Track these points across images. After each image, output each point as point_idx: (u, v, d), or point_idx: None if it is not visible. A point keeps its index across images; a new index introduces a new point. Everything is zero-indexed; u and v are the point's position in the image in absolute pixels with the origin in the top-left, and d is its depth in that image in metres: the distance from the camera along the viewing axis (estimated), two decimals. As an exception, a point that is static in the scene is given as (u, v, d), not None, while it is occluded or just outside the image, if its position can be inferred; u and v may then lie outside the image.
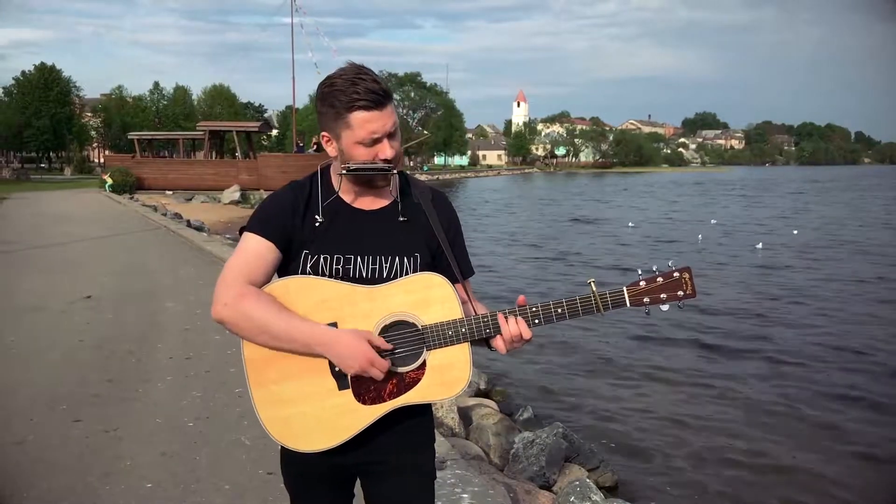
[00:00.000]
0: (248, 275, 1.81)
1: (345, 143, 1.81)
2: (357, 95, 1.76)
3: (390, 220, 1.91)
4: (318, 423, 1.82)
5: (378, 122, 1.78)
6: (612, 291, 1.87)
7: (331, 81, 1.80)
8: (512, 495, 3.90)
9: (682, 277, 1.87)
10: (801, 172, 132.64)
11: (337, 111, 1.79)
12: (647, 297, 1.86)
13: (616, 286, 1.87)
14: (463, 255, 1.99)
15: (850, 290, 14.24)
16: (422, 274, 1.85)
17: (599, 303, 1.85)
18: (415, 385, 1.82)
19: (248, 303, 1.77)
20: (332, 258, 1.85)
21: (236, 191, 32.63)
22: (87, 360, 6.07)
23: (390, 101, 1.81)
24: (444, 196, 2.02)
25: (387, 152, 1.81)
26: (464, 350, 1.83)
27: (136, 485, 3.77)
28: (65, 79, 65.75)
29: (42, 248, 13.53)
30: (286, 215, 1.86)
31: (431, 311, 1.82)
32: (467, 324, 1.82)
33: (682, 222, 29.69)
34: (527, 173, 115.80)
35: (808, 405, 7.46)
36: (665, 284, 1.86)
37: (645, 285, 1.86)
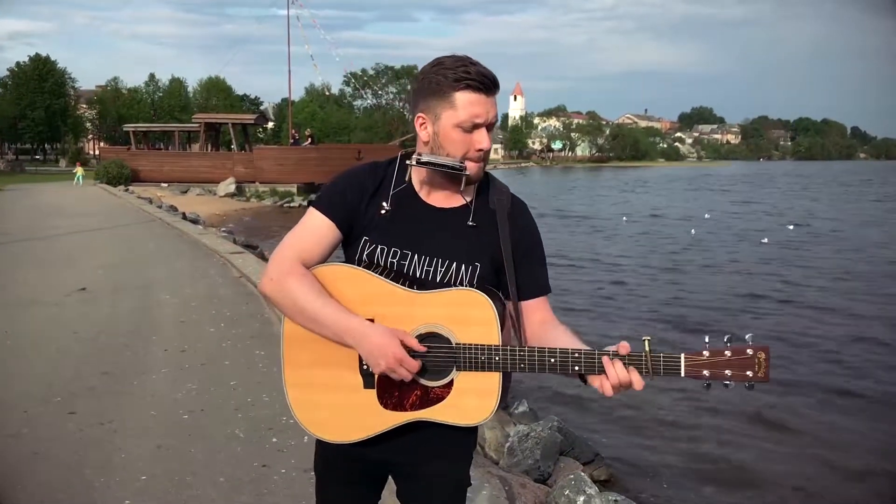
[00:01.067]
0: (301, 252, 1.78)
1: (443, 124, 1.72)
2: (467, 75, 1.69)
3: (458, 223, 1.80)
4: (338, 416, 1.80)
5: (483, 107, 1.70)
6: (667, 356, 1.65)
7: (439, 60, 1.74)
8: (507, 488, 3.90)
9: (755, 356, 1.60)
10: (794, 167, 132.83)
11: (442, 88, 1.70)
12: (707, 370, 1.62)
13: (674, 352, 1.64)
14: (532, 273, 1.85)
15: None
16: (466, 290, 1.73)
17: (651, 365, 1.65)
18: (438, 402, 1.74)
19: (291, 281, 1.74)
20: (390, 251, 1.79)
21: (232, 183, 32.59)
22: (81, 353, 6.06)
23: (497, 92, 1.74)
24: (523, 206, 1.89)
25: (484, 142, 1.73)
26: (494, 379, 1.72)
27: (131, 478, 3.76)
28: (60, 70, 65.59)
29: (37, 240, 13.49)
30: (354, 197, 1.81)
31: (468, 330, 1.71)
32: (502, 353, 1.70)
33: (676, 217, 29.73)
34: (523, 167, 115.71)
35: (806, 400, 7.48)
36: (732, 361, 1.60)
37: (708, 357, 1.62)
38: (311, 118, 73.94)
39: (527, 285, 1.84)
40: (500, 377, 1.72)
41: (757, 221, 27.72)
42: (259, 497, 3.56)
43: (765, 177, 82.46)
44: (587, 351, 1.68)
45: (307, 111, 77.70)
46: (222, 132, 40.08)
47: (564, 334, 1.80)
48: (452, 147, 1.73)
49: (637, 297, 12.95)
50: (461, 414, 1.74)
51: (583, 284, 14.06)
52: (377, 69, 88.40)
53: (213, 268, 10.45)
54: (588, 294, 13.14)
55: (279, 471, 3.84)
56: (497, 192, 1.85)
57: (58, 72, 65.13)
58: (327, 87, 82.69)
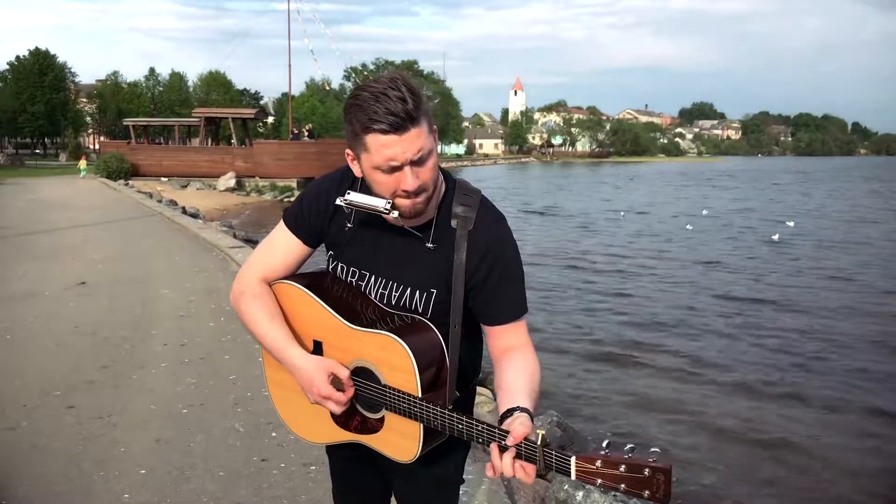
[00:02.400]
0: (266, 267, 1.84)
1: (364, 166, 1.62)
2: (375, 116, 1.52)
3: (417, 244, 1.71)
4: (304, 417, 1.87)
5: (396, 148, 1.54)
6: (559, 455, 1.45)
7: (356, 94, 1.58)
8: (506, 483, 3.90)
9: (653, 477, 1.37)
10: (793, 163, 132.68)
11: (355, 131, 1.58)
12: (600, 479, 1.43)
13: (566, 453, 1.45)
14: (495, 296, 1.70)
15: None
16: (387, 336, 1.63)
17: (543, 459, 1.46)
18: (374, 432, 1.74)
19: (244, 301, 1.81)
20: (348, 270, 1.80)
21: (232, 178, 32.58)
22: (81, 347, 6.05)
23: (416, 125, 1.54)
24: (491, 221, 1.71)
25: (407, 182, 1.57)
26: (415, 427, 1.64)
27: (130, 471, 3.76)
28: (60, 64, 65.44)
29: (36, 234, 13.48)
30: (320, 213, 1.80)
31: (394, 375, 1.65)
32: (419, 407, 1.61)
33: (672, 212, 29.71)
34: (523, 162, 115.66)
35: (813, 393, 7.48)
36: (626, 476, 1.40)
37: (600, 466, 1.43)
38: (312, 113, 73.86)
39: (490, 310, 1.72)
40: (422, 427, 1.64)
41: (751, 220, 27.69)
42: (258, 491, 3.56)
43: (759, 173, 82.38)
44: (488, 427, 1.54)
45: (307, 106, 77.59)
46: (222, 127, 40.03)
47: (516, 377, 1.65)
48: (379, 188, 1.62)
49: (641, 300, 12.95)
50: (391, 448, 1.72)
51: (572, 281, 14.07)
52: (377, 64, 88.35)
53: (212, 262, 10.44)
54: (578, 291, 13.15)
55: (278, 465, 3.84)
56: (462, 207, 1.69)
57: (58, 66, 64.98)
58: (327, 82, 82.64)
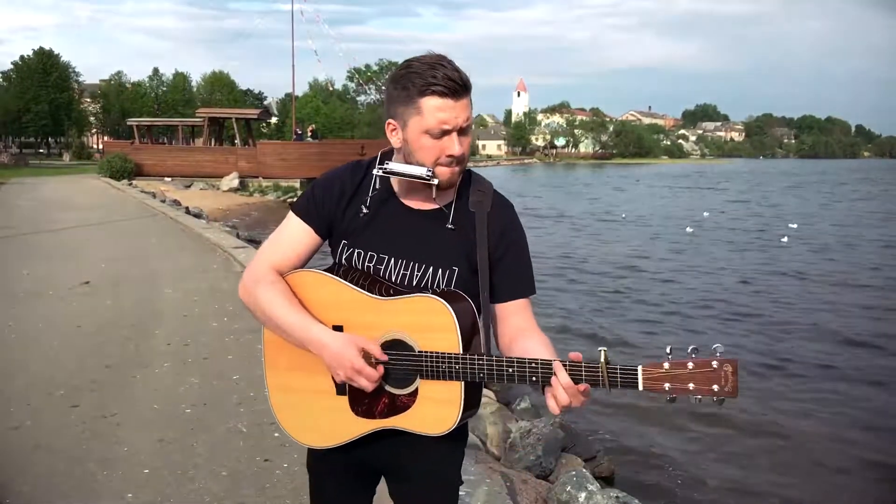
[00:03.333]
0: (277, 258, 1.80)
1: (411, 131, 1.68)
2: (434, 80, 1.62)
3: (436, 225, 1.77)
4: (314, 421, 1.80)
5: (451, 112, 1.65)
6: (623, 369, 1.53)
7: (408, 63, 1.67)
8: (508, 484, 3.90)
9: (721, 369, 1.46)
10: (794, 165, 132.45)
11: (409, 94, 1.66)
12: (668, 383, 1.49)
13: (631, 364, 1.53)
14: (510, 275, 1.79)
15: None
16: (426, 296, 1.68)
17: (607, 378, 1.53)
18: (404, 410, 1.71)
19: (260, 289, 1.76)
20: (366, 255, 1.78)
21: (235, 178, 32.57)
22: (84, 346, 6.07)
23: (468, 94, 1.67)
24: (505, 206, 1.83)
25: (454, 148, 1.67)
26: (456, 389, 1.66)
27: (134, 471, 3.77)
28: (63, 64, 65.49)
29: (40, 233, 13.51)
30: (332, 201, 1.80)
31: (431, 337, 1.66)
32: (461, 362, 1.64)
33: (673, 214, 29.68)
34: (526, 164, 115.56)
35: (812, 398, 7.48)
36: (695, 374, 1.47)
37: (667, 369, 1.49)
38: (315, 113, 73.86)
39: (503, 287, 1.79)
40: (463, 386, 1.67)
41: (749, 222, 27.66)
42: (261, 491, 3.57)
43: (761, 175, 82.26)
44: (544, 360, 1.60)
45: (311, 106, 77.61)
46: (226, 127, 40.02)
47: (538, 345, 1.71)
48: (422, 153, 1.69)
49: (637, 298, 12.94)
50: (426, 423, 1.71)
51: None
52: (381, 64, 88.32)
53: (215, 262, 10.46)
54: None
55: (281, 465, 3.84)
56: (478, 192, 1.80)
57: (62, 65, 65.07)
58: (331, 83, 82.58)
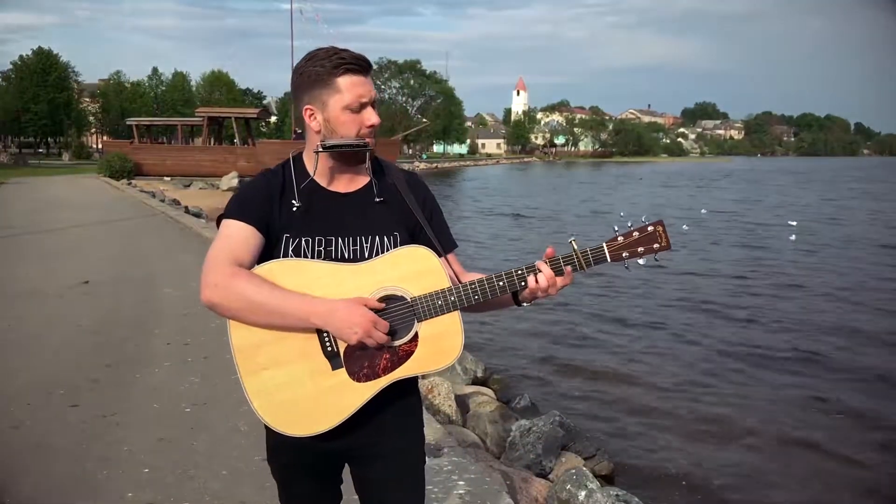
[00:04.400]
0: (233, 256, 1.79)
1: (331, 110, 1.82)
2: (343, 60, 1.80)
3: (367, 201, 1.91)
4: (315, 406, 1.80)
5: (365, 87, 1.82)
6: (593, 248, 1.90)
7: (311, 55, 1.84)
8: (508, 483, 3.91)
9: (656, 231, 1.91)
10: (793, 163, 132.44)
11: (322, 77, 1.81)
12: (625, 251, 1.90)
13: (595, 243, 1.91)
14: (443, 231, 2.00)
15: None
16: (407, 247, 1.85)
17: (581, 260, 1.89)
18: (408, 358, 1.81)
19: (240, 281, 1.75)
20: (314, 240, 1.85)
21: (234, 177, 32.54)
22: (84, 346, 6.07)
23: (371, 71, 1.86)
24: (417, 176, 2.06)
25: (373, 118, 1.84)
26: (454, 318, 1.83)
27: (134, 470, 3.77)
28: (63, 64, 65.49)
29: (40, 233, 13.51)
30: (263, 201, 1.85)
31: (420, 282, 1.82)
32: (456, 291, 1.83)
33: (675, 211, 29.70)
34: (526, 162, 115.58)
35: (814, 392, 7.48)
36: (641, 238, 1.90)
37: (623, 240, 1.90)
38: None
39: (440, 241, 1.98)
40: (460, 314, 1.84)
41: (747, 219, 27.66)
42: (261, 490, 3.57)
43: (757, 173, 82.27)
44: (528, 265, 1.89)
45: (310, 105, 77.42)
46: (225, 126, 40.06)
47: (480, 274, 1.96)
48: (344, 129, 1.83)
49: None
50: (433, 360, 1.83)
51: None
52: (380, 63, 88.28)
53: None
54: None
55: (281, 464, 3.84)
56: (390, 168, 1.99)
57: (61, 65, 65.04)
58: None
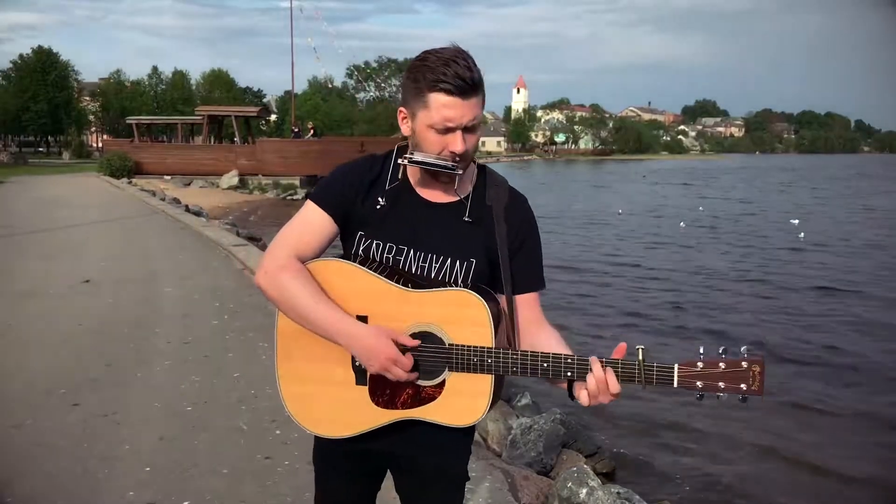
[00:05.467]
0: (297, 246, 1.77)
1: (418, 123, 1.71)
2: (444, 77, 1.64)
3: (454, 218, 1.80)
4: (330, 411, 1.80)
5: (456, 111, 1.66)
6: (660, 367, 1.63)
7: (424, 56, 1.69)
8: (509, 481, 3.90)
9: (750, 370, 1.58)
10: (791, 161, 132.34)
11: (419, 88, 1.68)
12: (701, 381, 1.60)
13: (668, 362, 1.63)
14: (526, 269, 1.84)
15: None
16: (460, 290, 1.72)
17: (644, 374, 1.63)
18: (430, 402, 1.74)
19: (286, 277, 1.74)
20: (385, 246, 1.79)
21: (235, 176, 32.60)
22: (85, 345, 6.07)
23: (477, 94, 1.68)
24: (522, 201, 1.87)
25: (457, 145, 1.68)
26: (486, 381, 1.71)
27: (135, 469, 3.77)
28: (63, 63, 65.42)
29: (40, 232, 13.50)
30: (351, 191, 1.80)
31: (462, 330, 1.70)
32: (495, 355, 1.70)
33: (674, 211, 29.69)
34: (526, 160, 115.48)
35: (819, 394, 7.47)
36: (727, 373, 1.59)
37: (701, 368, 1.60)
38: (315, 111, 73.86)
39: (517, 280, 1.83)
40: (493, 379, 1.72)
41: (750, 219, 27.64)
42: (263, 488, 3.57)
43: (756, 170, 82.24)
44: (580, 358, 1.67)
45: (310, 104, 77.58)
46: (225, 125, 40.02)
47: (552, 338, 1.81)
48: (428, 146, 1.71)
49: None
50: (452, 414, 1.74)
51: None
52: (380, 62, 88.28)
53: (216, 260, 10.45)
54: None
55: (282, 462, 3.85)
56: (494, 186, 1.84)
57: (61, 64, 64.99)
58: (330, 80, 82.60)
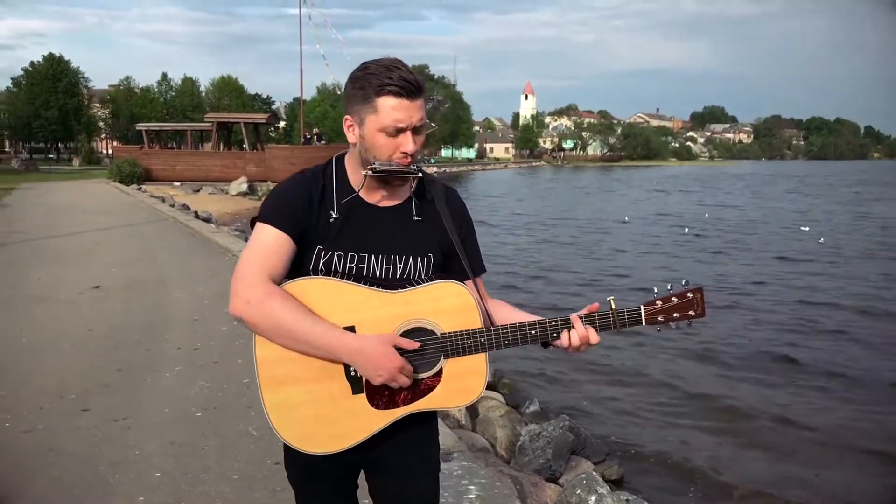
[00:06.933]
0: (268, 270, 1.76)
1: (367, 129, 1.77)
2: (389, 80, 1.72)
3: (405, 219, 1.88)
4: (330, 426, 1.80)
5: (405, 112, 1.74)
6: (630, 309, 1.89)
7: (365, 65, 1.77)
8: (518, 487, 3.90)
9: (694, 297, 1.91)
10: (801, 167, 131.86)
11: (366, 94, 1.74)
12: (661, 315, 1.90)
13: (633, 304, 1.91)
14: (474, 254, 1.97)
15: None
16: (443, 282, 1.83)
17: (616, 320, 1.88)
18: (429, 392, 1.82)
19: (274, 303, 1.72)
20: (346, 255, 1.82)
21: (244, 182, 32.69)
22: (95, 350, 6.10)
23: (421, 96, 1.77)
24: (456, 194, 2.01)
25: (409, 146, 1.77)
26: (481, 360, 1.83)
27: (145, 474, 3.79)
28: (73, 70, 65.97)
29: (51, 238, 13.58)
30: (302, 208, 1.81)
31: (451, 319, 1.81)
32: (487, 334, 1.82)
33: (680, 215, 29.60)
34: (534, 166, 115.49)
35: (822, 401, 7.44)
36: (679, 304, 1.90)
37: (661, 305, 1.90)
38: (323, 117, 74.05)
39: (468, 264, 1.95)
40: (487, 356, 1.84)
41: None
42: (272, 494, 3.58)
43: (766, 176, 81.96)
44: (563, 317, 1.87)
45: (319, 110, 77.77)
46: (234, 131, 40.19)
47: (506, 308, 1.99)
48: (378, 151, 1.78)
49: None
50: (454, 398, 1.84)
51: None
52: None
53: (225, 266, 10.48)
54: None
55: (291, 468, 3.85)
56: (432, 185, 1.94)
57: (71, 71, 65.53)
58: (338, 87, 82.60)
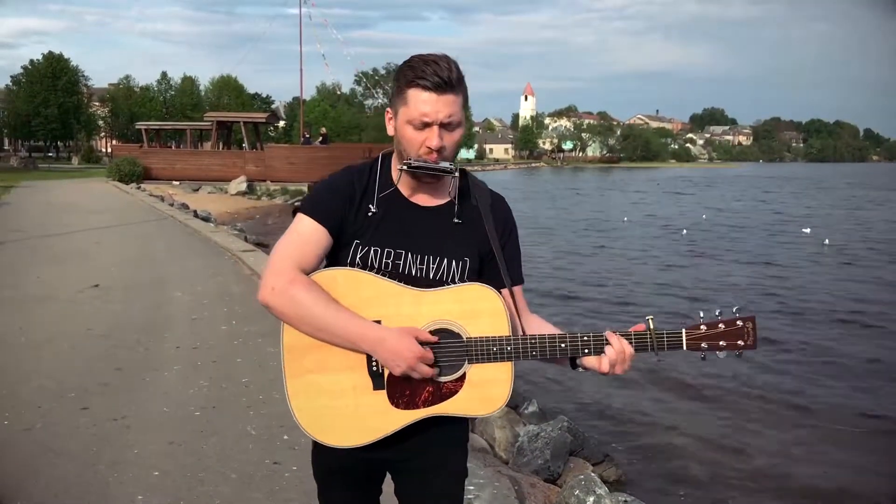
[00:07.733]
0: (299, 259, 1.77)
1: (399, 120, 1.78)
2: (422, 74, 1.71)
3: (445, 220, 1.86)
4: (349, 420, 1.79)
5: (432, 106, 1.72)
6: (669, 333, 1.78)
7: (410, 58, 1.78)
8: (517, 488, 3.91)
9: (744, 327, 1.76)
10: (801, 170, 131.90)
11: (399, 86, 1.76)
12: (705, 342, 1.77)
13: (674, 327, 1.79)
14: (514, 263, 1.92)
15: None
16: (474, 285, 1.80)
17: (655, 342, 1.78)
18: (451, 396, 1.78)
19: (297, 289, 1.73)
20: (383, 251, 1.82)
21: (243, 181, 32.68)
22: (94, 349, 6.10)
23: (454, 93, 1.74)
24: (503, 201, 1.97)
25: (433, 140, 1.74)
26: (506, 369, 1.78)
27: (144, 473, 3.79)
28: (73, 68, 66.02)
29: (50, 237, 13.58)
30: (342, 201, 1.82)
31: (478, 323, 1.77)
32: (514, 343, 1.77)
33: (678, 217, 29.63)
34: (534, 167, 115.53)
35: (822, 403, 7.45)
36: (726, 332, 1.76)
37: (705, 330, 1.77)
38: (323, 117, 74.07)
39: (511, 273, 1.91)
40: (513, 365, 1.78)
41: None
42: (271, 494, 3.58)
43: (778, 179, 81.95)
44: (596, 333, 1.79)
45: (318, 110, 77.81)
46: (234, 131, 40.16)
47: (541, 322, 1.94)
48: (407, 143, 1.78)
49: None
50: (475, 405, 1.79)
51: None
52: (388, 68, 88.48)
53: (224, 265, 10.50)
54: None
55: (290, 468, 3.86)
56: (477, 189, 1.92)
57: (71, 70, 65.58)
58: (338, 86, 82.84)
